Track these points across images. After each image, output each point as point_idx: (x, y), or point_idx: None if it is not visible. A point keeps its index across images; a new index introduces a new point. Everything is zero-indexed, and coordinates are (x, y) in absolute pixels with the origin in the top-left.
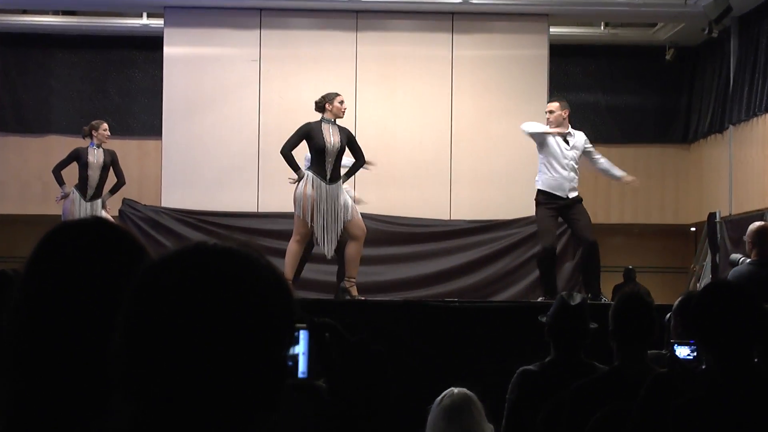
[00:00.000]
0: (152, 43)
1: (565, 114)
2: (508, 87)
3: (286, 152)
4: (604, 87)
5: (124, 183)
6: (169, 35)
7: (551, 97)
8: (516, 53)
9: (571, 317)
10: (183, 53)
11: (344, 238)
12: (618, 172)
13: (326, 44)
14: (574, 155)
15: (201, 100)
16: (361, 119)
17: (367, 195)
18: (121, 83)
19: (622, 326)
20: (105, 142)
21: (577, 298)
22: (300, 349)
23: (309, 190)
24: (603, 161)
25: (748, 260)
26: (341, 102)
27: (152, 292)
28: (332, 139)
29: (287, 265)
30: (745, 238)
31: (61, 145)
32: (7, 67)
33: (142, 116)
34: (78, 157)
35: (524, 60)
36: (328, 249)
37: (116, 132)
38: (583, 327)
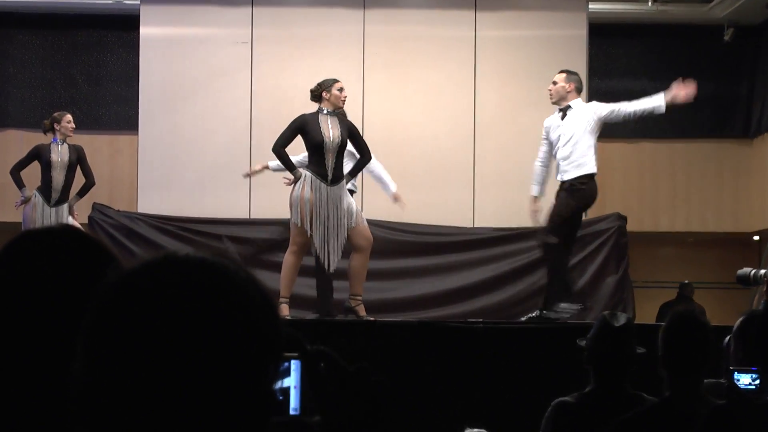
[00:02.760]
0: (126, 23)
1: (569, 87)
2: (541, 73)
3: (279, 150)
4: (651, 72)
5: (93, 183)
6: (145, 13)
7: (589, 82)
8: (550, 33)
9: (615, 340)
10: (162, 34)
11: (347, 248)
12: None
13: (328, 23)
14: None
15: (183, 89)
16: (369, 111)
17: (376, 198)
18: (90, 69)
19: (674, 351)
20: (70, 137)
21: (622, 319)
22: (291, 382)
23: (307, 192)
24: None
25: None
26: (340, 89)
27: (112, 314)
28: (331, 132)
29: (283, 281)
30: None
31: (20, 140)
32: None
33: (115, 107)
34: (39, 155)
35: (559, 41)
36: (330, 261)
37: (84, 125)
38: (629, 352)
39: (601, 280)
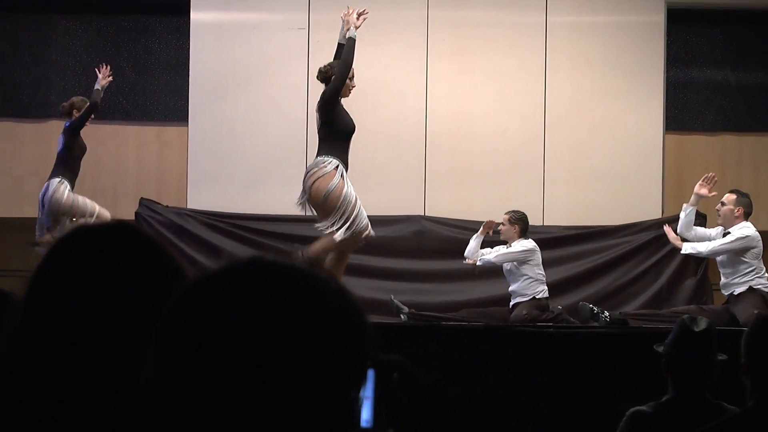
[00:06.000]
0: (176, 8)
1: (738, 212)
2: (616, 62)
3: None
4: (734, 62)
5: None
6: None
7: (667, 73)
8: (625, 19)
9: (695, 346)
10: (214, 20)
11: None
12: None
13: (390, 8)
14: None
15: (235, 78)
16: (433, 102)
17: (440, 195)
18: (138, 57)
19: (758, 358)
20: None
21: (702, 323)
22: (365, 393)
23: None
24: None
25: None
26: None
27: (197, 319)
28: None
29: None
30: None
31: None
32: None
33: (164, 97)
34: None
35: (635, 28)
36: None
37: (131, 116)
38: (709, 359)
39: (678, 282)
